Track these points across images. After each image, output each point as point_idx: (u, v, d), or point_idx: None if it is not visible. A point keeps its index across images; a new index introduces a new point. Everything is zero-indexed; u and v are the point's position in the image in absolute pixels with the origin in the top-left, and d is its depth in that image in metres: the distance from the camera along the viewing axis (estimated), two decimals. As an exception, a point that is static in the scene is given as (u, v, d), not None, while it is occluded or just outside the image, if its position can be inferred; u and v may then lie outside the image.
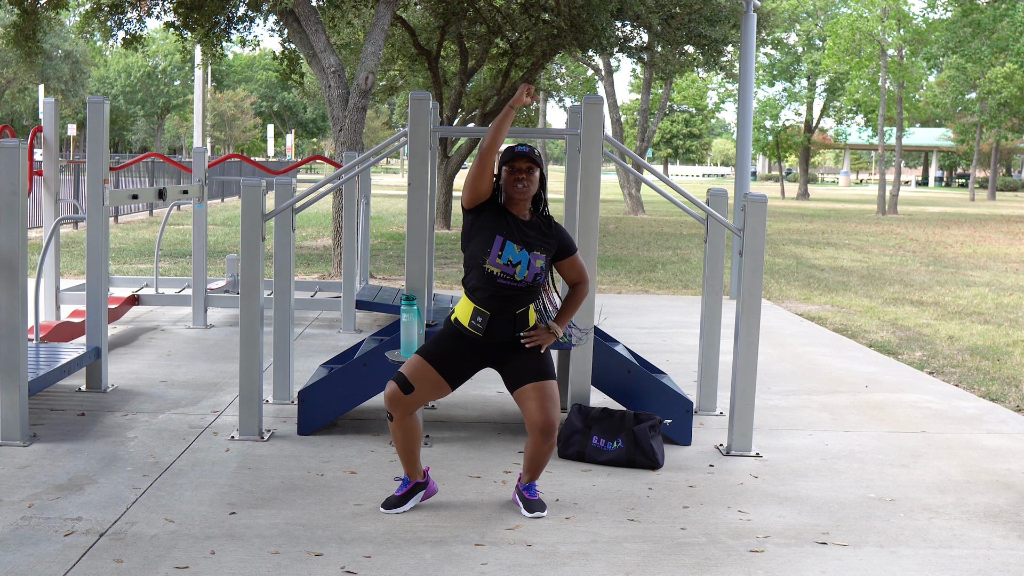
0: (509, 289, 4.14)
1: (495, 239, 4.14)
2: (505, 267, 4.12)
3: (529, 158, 4.15)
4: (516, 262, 4.13)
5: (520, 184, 4.15)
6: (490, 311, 4.17)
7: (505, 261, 4.12)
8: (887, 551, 4.07)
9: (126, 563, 3.72)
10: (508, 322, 4.19)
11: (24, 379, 5.17)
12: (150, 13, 14.29)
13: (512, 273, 4.13)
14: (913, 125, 61.15)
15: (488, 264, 4.12)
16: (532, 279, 4.16)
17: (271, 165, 40.23)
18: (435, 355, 4.22)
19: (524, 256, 4.14)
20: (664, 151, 74.07)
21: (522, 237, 4.17)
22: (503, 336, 4.21)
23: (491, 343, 4.23)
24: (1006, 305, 11.84)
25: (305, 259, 14.89)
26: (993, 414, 6.48)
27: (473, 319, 4.19)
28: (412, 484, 4.36)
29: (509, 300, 4.16)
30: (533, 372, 4.20)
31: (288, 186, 6.72)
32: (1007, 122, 44.86)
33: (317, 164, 53.13)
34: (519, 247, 4.14)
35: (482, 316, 4.17)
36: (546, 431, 4.19)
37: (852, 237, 22.65)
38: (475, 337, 4.21)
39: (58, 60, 56.89)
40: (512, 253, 4.13)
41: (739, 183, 12.05)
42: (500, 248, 4.13)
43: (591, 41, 16.18)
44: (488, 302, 4.16)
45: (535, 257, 4.16)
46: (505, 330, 4.20)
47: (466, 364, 4.26)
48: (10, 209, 5.06)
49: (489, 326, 4.18)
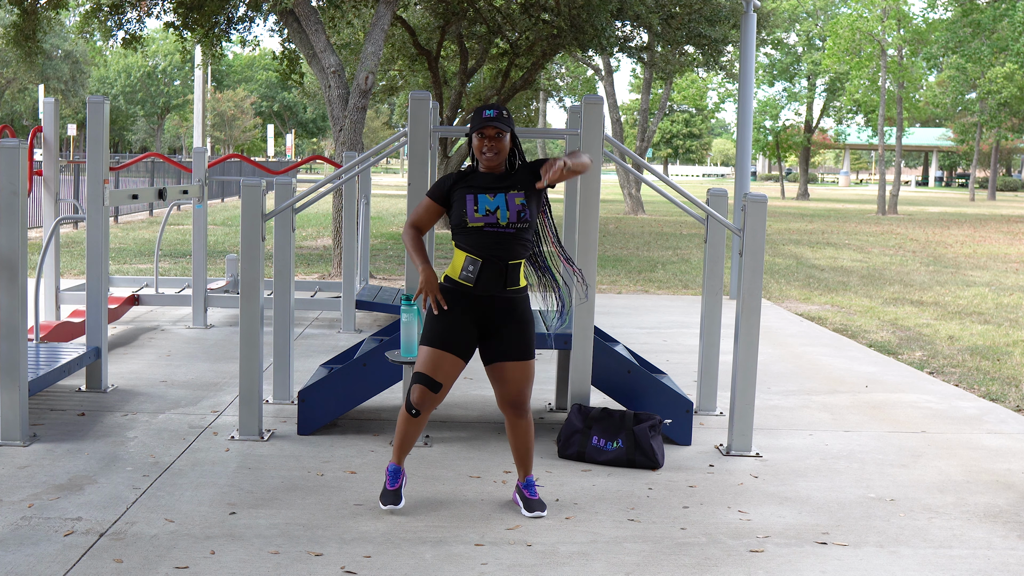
0: (498, 235, 4.11)
1: (466, 198, 4.14)
2: (486, 217, 4.10)
3: (496, 124, 4.13)
4: (494, 208, 4.11)
5: (488, 152, 4.15)
6: (481, 257, 4.13)
7: (483, 212, 4.11)
8: (887, 551, 4.07)
9: (126, 563, 3.72)
10: (499, 272, 4.14)
11: (24, 379, 5.17)
12: (150, 13, 14.29)
13: (495, 220, 4.10)
14: (913, 125, 61.14)
15: (470, 223, 4.11)
16: (517, 219, 4.11)
17: (271, 165, 40.23)
18: (440, 339, 4.18)
19: (500, 199, 4.13)
20: (664, 151, 74.09)
21: (491, 185, 4.17)
22: (494, 286, 4.14)
23: (482, 296, 4.16)
24: (1006, 305, 11.84)
25: (305, 259, 14.89)
26: (993, 414, 6.48)
27: (464, 269, 4.15)
28: (403, 473, 4.38)
29: (500, 246, 4.12)
30: (516, 350, 4.20)
31: (288, 186, 6.72)
32: (1007, 122, 44.87)
33: (317, 164, 53.13)
34: (492, 194, 4.14)
35: (473, 264, 4.13)
36: (518, 405, 4.24)
37: (852, 237, 22.65)
38: (466, 290, 4.16)
39: (58, 60, 56.89)
40: (487, 202, 4.12)
41: (739, 183, 12.05)
42: (474, 204, 4.12)
43: (591, 41, 16.18)
44: (479, 249, 4.12)
45: (512, 196, 4.14)
46: (496, 280, 4.14)
47: (468, 333, 4.20)
48: (10, 209, 5.06)
49: (480, 274, 4.13)
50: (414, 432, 4.30)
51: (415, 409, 4.21)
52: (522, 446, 4.36)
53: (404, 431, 4.30)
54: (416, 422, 4.26)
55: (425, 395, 4.18)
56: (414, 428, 4.28)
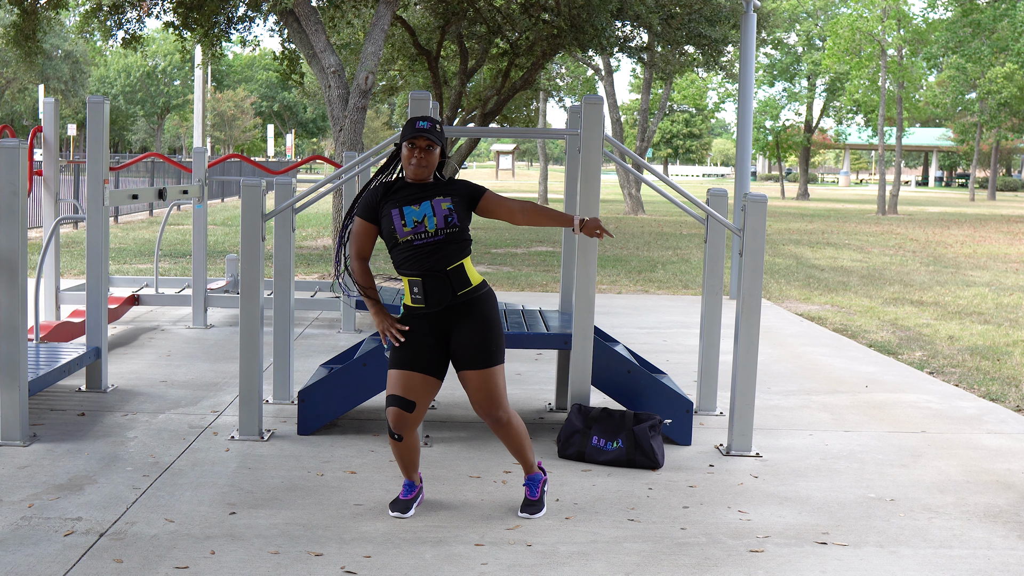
0: (429, 246, 4.05)
1: (392, 214, 4.08)
2: (415, 228, 4.05)
3: (428, 136, 4.08)
4: (420, 217, 4.06)
5: (415, 163, 4.09)
6: (420, 275, 4.08)
7: (411, 224, 4.05)
8: (887, 551, 4.07)
9: (126, 563, 3.72)
10: (443, 281, 4.09)
11: (24, 379, 5.17)
12: (150, 13, 14.29)
13: (423, 229, 4.05)
14: (913, 125, 61.14)
15: (400, 238, 4.06)
16: (445, 224, 4.05)
17: (271, 165, 40.23)
18: (407, 359, 4.13)
19: (426, 207, 4.07)
20: (664, 151, 74.07)
21: (415, 195, 4.10)
22: (444, 298, 4.09)
23: (437, 311, 4.13)
24: (1006, 305, 11.84)
25: (305, 259, 14.89)
26: (993, 414, 6.48)
27: (411, 292, 4.12)
28: (418, 488, 4.36)
29: (432, 257, 4.05)
30: (477, 357, 4.12)
31: (288, 186, 6.72)
32: (1007, 122, 44.86)
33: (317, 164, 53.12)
34: (416, 204, 4.08)
35: (416, 284, 4.10)
36: (489, 414, 4.17)
37: (852, 237, 22.65)
38: (421, 311, 4.14)
39: (58, 60, 56.88)
40: (413, 213, 4.07)
41: (739, 183, 12.05)
42: (401, 218, 4.07)
43: (591, 41, 16.18)
44: (414, 266, 4.08)
45: (437, 202, 4.08)
46: (443, 291, 4.09)
47: (432, 350, 4.15)
48: (10, 209, 5.06)
49: (425, 291, 4.09)
50: (407, 453, 4.24)
51: (396, 434, 4.15)
52: (511, 447, 4.31)
53: (398, 455, 4.26)
54: (405, 445, 4.20)
55: (401, 416, 4.11)
56: (406, 450, 4.23)
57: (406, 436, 4.17)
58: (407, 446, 4.21)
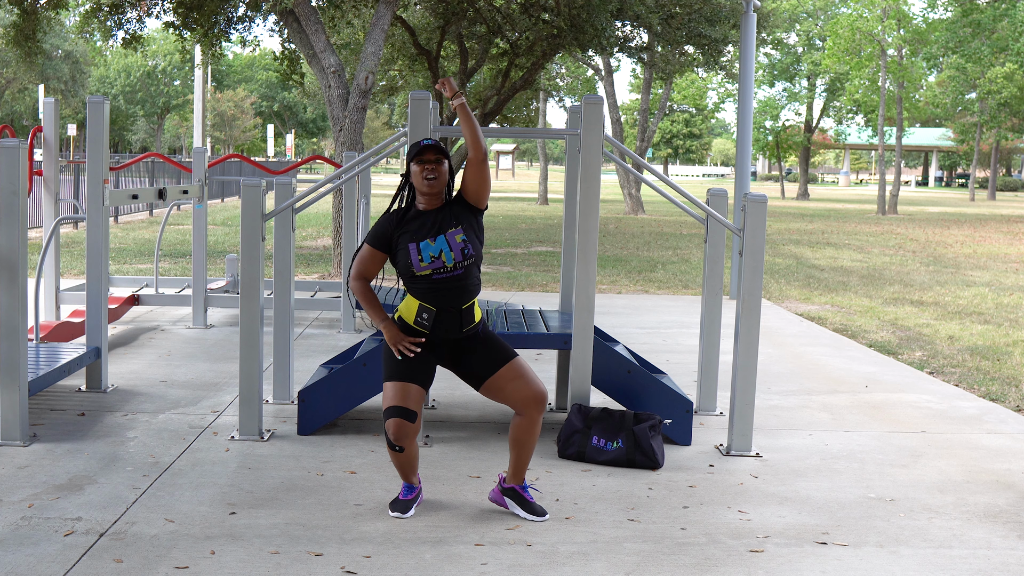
0: (449, 282, 4.10)
1: (409, 248, 4.11)
2: (432, 263, 4.08)
3: (436, 149, 4.12)
4: (438, 253, 4.09)
5: (429, 176, 4.12)
6: (435, 307, 4.12)
7: (428, 260, 4.08)
8: (887, 551, 4.07)
9: (126, 563, 3.72)
10: (454, 318, 4.15)
11: (24, 379, 5.17)
12: (150, 13, 14.29)
13: (442, 264, 4.08)
14: (913, 125, 61.10)
15: (418, 272, 4.10)
16: (463, 257, 4.09)
17: (271, 165, 40.23)
18: (401, 372, 4.15)
19: (441, 241, 4.10)
20: (664, 151, 74.06)
21: (430, 229, 4.12)
22: (451, 332, 4.16)
23: (438, 340, 4.18)
24: (1006, 305, 11.84)
25: (305, 259, 14.89)
26: (993, 414, 6.48)
27: (419, 316, 4.14)
28: (418, 490, 4.37)
29: (452, 294, 4.11)
30: (501, 356, 4.19)
31: (288, 186, 6.72)
32: (1007, 122, 44.85)
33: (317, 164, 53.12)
34: (432, 239, 4.10)
35: (427, 313, 4.13)
36: (541, 400, 4.19)
37: (852, 237, 22.65)
38: (422, 334, 4.17)
39: (58, 60, 56.88)
40: (429, 248, 4.09)
41: (739, 183, 12.05)
42: (418, 253, 4.09)
43: (591, 41, 16.17)
44: (433, 298, 4.12)
45: (452, 235, 4.11)
46: (452, 327, 4.15)
47: (427, 364, 4.20)
48: (10, 209, 5.06)
49: (436, 323, 4.14)
50: (408, 461, 4.26)
51: (398, 445, 4.16)
52: (529, 445, 4.26)
53: (398, 463, 4.27)
54: (406, 455, 4.22)
55: (402, 427, 4.12)
56: (406, 459, 4.25)
57: (407, 447, 4.18)
58: (407, 455, 4.23)
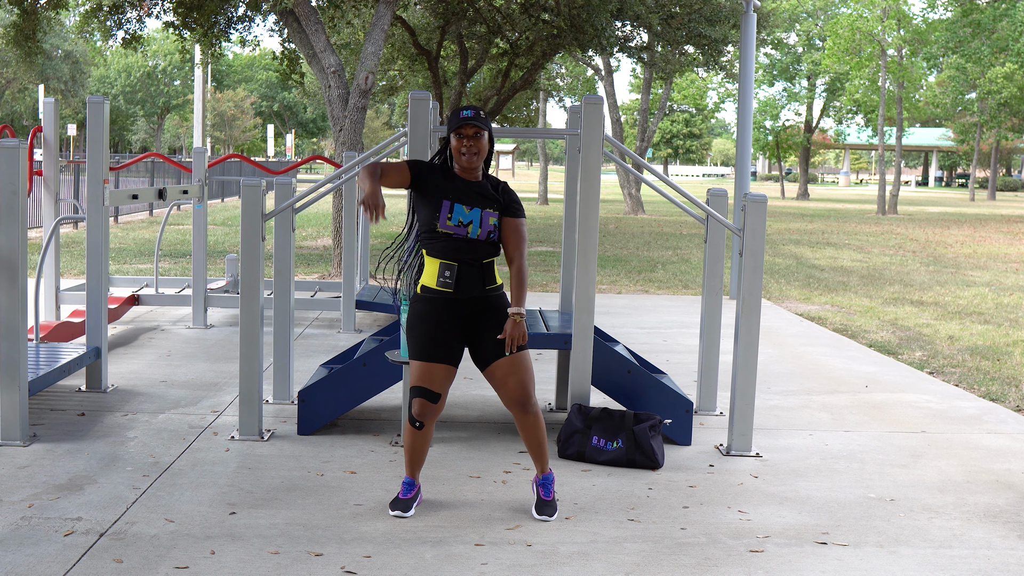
0: (467, 241, 4.12)
1: (443, 203, 4.11)
2: (457, 228, 4.10)
3: (475, 123, 4.11)
4: (467, 221, 4.10)
5: (467, 152, 4.13)
6: (456, 262, 4.12)
7: (456, 222, 4.10)
8: (887, 551, 4.07)
9: (126, 563, 3.72)
10: (476, 273, 4.14)
11: (24, 379, 5.17)
12: (150, 13, 14.29)
13: (464, 233, 4.10)
14: (913, 125, 61.14)
15: (440, 227, 4.11)
16: (487, 237, 4.12)
17: (271, 165, 40.23)
18: (427, 351, 4.17)
19: (476, 214, 4.12)
20: (664, 151, 74.04)
21: (471, 197, 4.14)
22: (473, 289, 4.15)
23: (464, 299, 4.16)
24: (1006, 305, 11.84)
25: (305, 259, 14.89)
26: (993, 414, 6.48)
27: (441, 275, 4.14)
28: (417, 487, 4.37)
29: (470, 249, 4.12)
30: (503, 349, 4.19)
31: (288, 186, 6.72)
32: (1007, 122, 44.85)
33: (317, 164, 53.12)
34: (469, 207, 4.12)
35: (450, 269, 4.13)
36: (523, 402, 4.20)
37: (852, 237, 22.65)
38: (447, 296, 4.15)
39: (58, 60, 56.88)
40: (462, 214, 4.11)
41: (739, 183, 12.05)
42: (449, 211, 4.11)
43: (591, 41, 16.18)
44: (452, 253, 4.12)
45: (487, 215, 4.13)
46: (475, 281, 4.15)
47: (454, 339, 4.19)
48: (10, 209, 5.06)
49: (459, 278, 4.13)
50: (422, 444, 4.30)
51: (419, 422, 4.21)
52: (532, 441, 4.31)
53: (412, 444, 4.29)
54: (423, 434, 4.27)
55: (425, 407, 4.18)
56: (421, 440, 4.29)
57: (428, 424, 4.23)
58: (424, 436, 4.27)
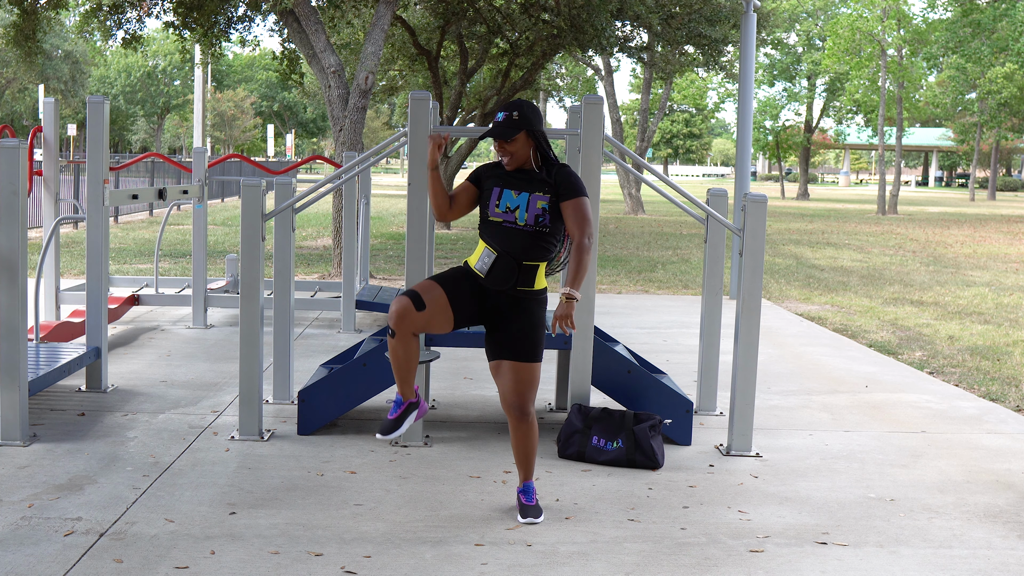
0: (516, 233, 4.13)
1: (492, 191, 4.19)
2: (505, 214, 4.14)
3: (502, 132, 4.13)
4: (515, 207, 4.13)
5: (504, 156, 4.20)
6: (497, 251, 4.15)
7: (504, 208, 4.14)
8: (887, 551, 4.07)
9: (126, 563, 3.72)
10: (512, 269, 4.13)
11: (24, 379, 5.17)
12: (150, 13, 14.29)
13: (513, 219, 4.13)
14: (913, 125, 61.14)
15: (490, 215, 4.17)
16: (535, 222, 4.11)
17: (271, 165, 40.23)
18: (447, 281, 4.20)
19: (523, 198, 4.14)
20: (664, 151, 74.04)
21: (520, 182, 4.18)
22: (503, 283, 4.14)
23: (492, 288, 4.17)
24: (1006, 305, 11.84)
25: (305, 259, 14.89)
26: (993, 414, 6.48)
27: (481, 258, 4.19)
28: (406, 404, 4.33)
29: (516, 242, 4.13)
30: (517, 350, 4.16)
31: (288, 186, 6.72)
32: (1007, 122, 44.86)
33: (317, 164, 53.12)
34: (517, 192, 4.15)
35: (489, 256, 4.16)
36: (518, 408, 4.18)
37: (852, 237, 22.65)
38: (479, 279, 4.19)
39: (58, 60, 56.87)
40: (510, 199, 4.14)
41: (739, 183, 12.05)
42: (498, 197, 4.16)
43: (591, 41, 16.18)
44: (496, 242, 4.16)
45: (535, 198, 4.13)
46: (506, 276, 4.14)
47: (471, 304, 4.19)
48: (10, 209, 5.06)
49: (493, 266, 4.14)
50: (401, 356, 4.16)
51: (392, 328, 4.10)
52: (521, 449, 4.30)
53: (392, 355, 4.19)
54: (400, 344, 4.13)
55: (407, 308, 4.06)
56: (400, 351, 4.15)
57: (400, 333, 4.11)
58: (400, 345, 4.14)
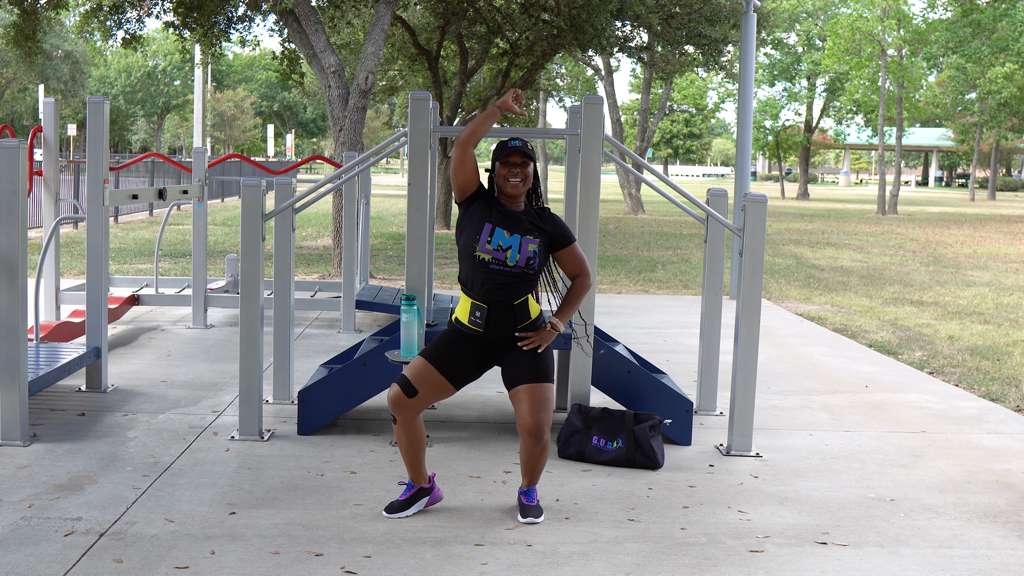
0: (503, 275, 4.11)
1: (484, 226, 4.14)
2: (496, 252, 4.11)
3: (522, 153, 4.14)
4: (507, 247, 4.11)
5: (514, 179, 4.15)
6: (487, 303, 4.14)
7: (495, 246, 4.11)
8: (887, 551, 4.07)
9: (126, 563, 3.72)
10: (507, 314, 4.16)
11: (24, 379, 5.17)
12: (150, 13, 14.29)
13: (503, 258, 4.10)
14: (913, 125, 61.09)
15: (479, 251, 4.12)
16: (525, 263, 4.12)
17: (271, 165, 40.23)
18: (437, 357, 4.19)
19: (515, 240, 4.12)
20: (664, 151, 74.02)
21: (512, 223, 4.16)
22: (504, 329, 4.17)
23: (493, 338, 4.19)
24: (1006, 305, 11.84)
25: (305, 259, 14.89)
26: (993, 414, 6.48)
27: (472, 315, 4.17)
28: (416, 489, 4.32)
29: (504, 289, 4.13)
30: (529, 373, 4.16)
31: (288, 186, 6.72)
32: (1007, 122, 44.83)
33: (317, 164, 53.13)
34: (509, 232, 4.13)
35: (480, 310, 4.15)
36: (534, 434, 4.14)
37: (852, 237, 22.65)
38: (476, 334, 4.19)
39: (58, 60, 56.86)
40: (502, 238, 4.12)
41: (739, 183, 12.05)
42: (489, 234, 4.12)
43: (591, 41, 16.18)
44: (484, 294, 4.13)
45: (527, 241, 4.13)
46: (505, 323, 4.16)
47: (471, 365, 4.23)
48: (10, 209, 5.06)
49: (488, 320, 4.15)
50: (407, 441, 4.22)
51: (393, 415, 4.18)
52: (529, 464, 4.26)
53: (398, 441, 4.26)
54: (405, 431, 4.20)
55: (400, 397, 4.14)
56: (403, 437, 4.21)
57: (400, 420, 4.17)
58: (403, 431, 4.20)
